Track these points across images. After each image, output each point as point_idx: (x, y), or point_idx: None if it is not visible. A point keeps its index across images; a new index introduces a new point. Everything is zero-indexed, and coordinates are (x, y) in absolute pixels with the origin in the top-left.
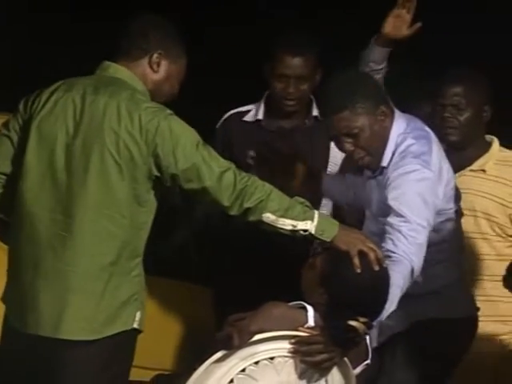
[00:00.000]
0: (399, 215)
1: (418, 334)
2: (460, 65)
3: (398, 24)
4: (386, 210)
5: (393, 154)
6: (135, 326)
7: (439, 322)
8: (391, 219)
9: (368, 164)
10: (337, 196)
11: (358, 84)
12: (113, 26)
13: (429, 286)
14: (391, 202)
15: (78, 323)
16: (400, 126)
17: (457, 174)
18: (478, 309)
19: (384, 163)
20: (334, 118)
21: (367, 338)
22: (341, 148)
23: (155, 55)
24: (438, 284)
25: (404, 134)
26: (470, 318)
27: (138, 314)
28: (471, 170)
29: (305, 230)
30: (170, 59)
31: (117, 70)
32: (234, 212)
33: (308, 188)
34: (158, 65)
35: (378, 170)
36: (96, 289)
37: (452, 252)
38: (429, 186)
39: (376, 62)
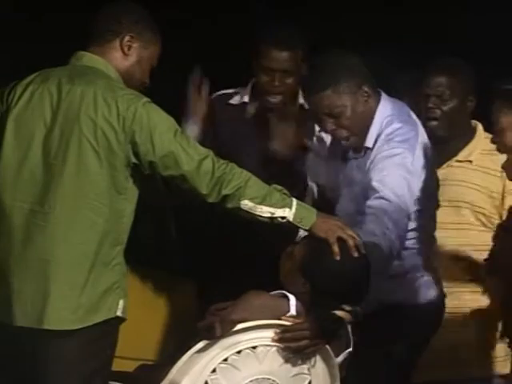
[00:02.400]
0: (382, 197)
1: (382, 318)
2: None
3: None
4: (368, 192)
5: (378, 136)
6: (118, 313)
7: (403, 306)
8: (373, 201)
9: (352, 144)
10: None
11: (340, 64)
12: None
13: (393, 269)
14: (375, 184)
15: (62, 313)
16: (387, 108)
17: (444, 165)
18: (444, 295)
19: (368, 144)
20: (316, 97)
21: (348, 326)
22: (323, 128)
23: (127, 37)
24: (403, 268)
25: (391, 116)
26: (434, 304)
27: (121, 302)
28: (457, 161)
29: (283, 218)
30: (141, 43)
31: (91, 58)
32: (212, 199)
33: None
34: (129, 48)
35: (361, 151)
36: (78, 278)
37: (420, 240)
38: (412, 171)
39: None
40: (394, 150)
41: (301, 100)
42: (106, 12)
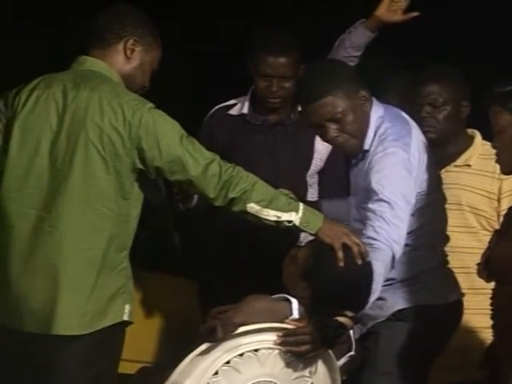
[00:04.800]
0: (382, 200)
1: (399, 322)
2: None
3: (393, 8)
4: (369, 194)
5: (373, 137)
6: (125, 318)
7: (419, 309)
8: (373, 205)
9: (352, 147)
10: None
11: (337, 70)
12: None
13: (408, 272)
14: (374, 186)
15: (70, 318)
16: (378, 110)
17: (442, 170)
18: (462, 295)
19: (366, 146)
20: (316, 105)
21: (350, 331)
22: (324, 135)
23: (130, 41)
24: (417, 270)
25: (382, 117)
26: (451, 305)
27: (127, 307)
28: (456, 166)
29: (289, 222)
30: (143, 47)
31: (93, 63)
32: (219, 202)
33: None
34: (132, 51)
35: (360, 155)
36: (85, 283)
37: (431, 239)
38: (409, 168)
39: (355, 48)
40: (388, 150)
41: (300, 107)
42: (108, 15)
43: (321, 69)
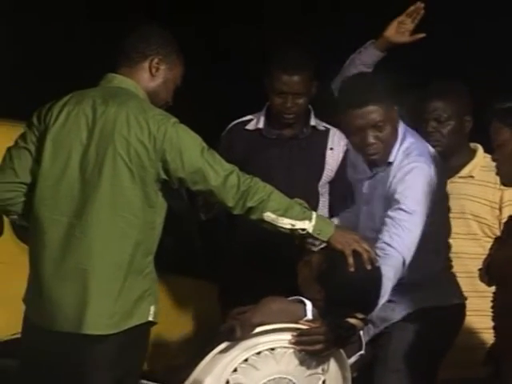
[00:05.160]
0: (402, 209)
1: (408, 324)
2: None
3: (401, 30)
4: (390, 203)
5: (397, 151)
6: (150, 318)
7: (426, 311)
8: (393, 213)
9: (382, 157)
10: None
11: (381, 83)
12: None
13: (419, 275)
14: (397, 196)
15: (99, 319)
16: (401, 125)
17: (447, 181)
18: (465, 298)
19: (391, 158)
20: (364, 110)
21: (360, 331)
22: (361, 140)
23: (155, 60)
24: (425, 274)
25: (405, 133)
26: (455, 307)
27: (152, 308)
28: (460, 177)
29: (303, 229)
30: (167, 65)
31: (121, 80)
32: (237, 211)
33: None
34: (157, 69)
35: (383, 166)
36: (114, 286)
37: (437, 245)
38: (430, 182)
39: (366, 65)
40: (414, 164)
41: (312, 122)
42: (135, 35)
43: (370, 78)
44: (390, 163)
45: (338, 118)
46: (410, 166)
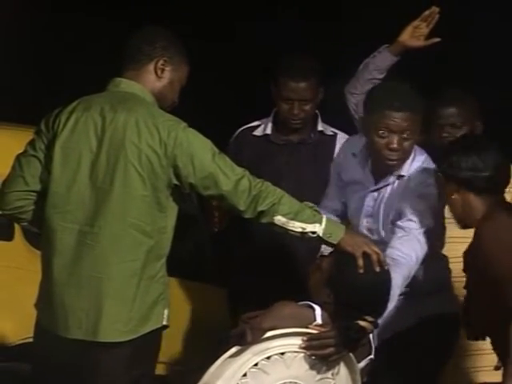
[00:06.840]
0: (412, 220)
1: (419, 327)
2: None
3: (416, 34)
4: (400, 215)
5: (409, 166)
6: (164, 322)
7: (442, 316)
8: (404, 223)
9: (397, 164)
10: None
11: (419, 94)
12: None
13: (426, 283)
14: (410, 209)
15: (115, 326)
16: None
17: None
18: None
19: (403, 172)
20: (398, 115)
21: (370, 334)
22: (387, 144)
23: (161, 61)
24: (439, 279)
25: (416, 150)
26: (457, 314)
27: (166, 312)
28: None
29: (313, 232)
30: (173, 66)
31: (128, 84)
32: (248, 215)
33: None
34: (163, 71)
35: (392, 178)
36: (128, 293)
37: (438, 250)
38: (437, 197)
39: (379, 71)
40: (429, 181)
41: (320, 127)
42: (139, 37)
43: (407, 87)
44: (402, 176)
45: (360, 117)
46: (426, 183)
